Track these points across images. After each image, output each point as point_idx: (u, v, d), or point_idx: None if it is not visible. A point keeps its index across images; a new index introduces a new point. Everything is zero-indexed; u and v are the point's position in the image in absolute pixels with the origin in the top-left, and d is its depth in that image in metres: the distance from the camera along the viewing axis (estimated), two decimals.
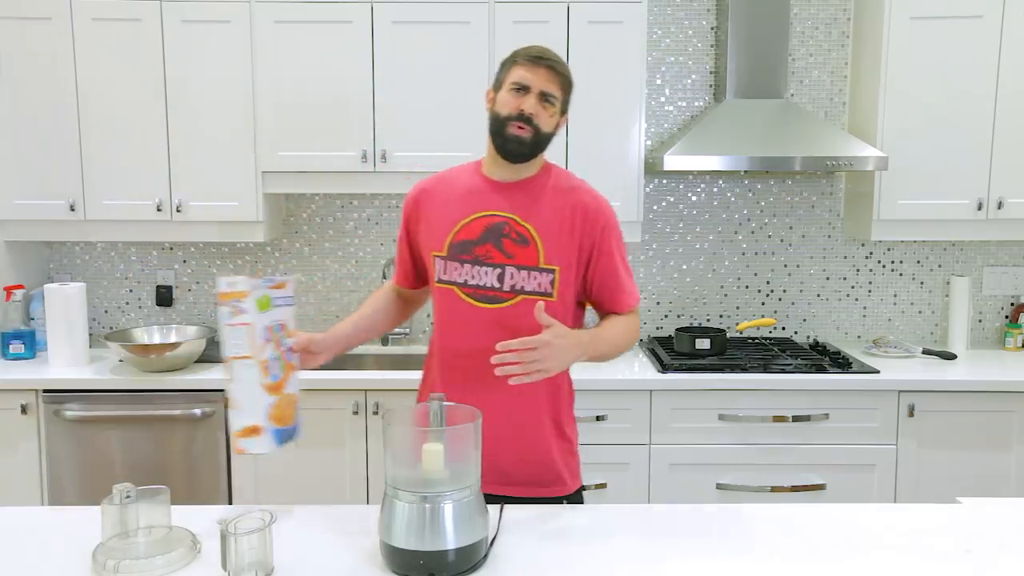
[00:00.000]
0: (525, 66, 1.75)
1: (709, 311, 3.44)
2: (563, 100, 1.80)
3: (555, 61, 1.77)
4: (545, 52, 1.77)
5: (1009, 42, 2.98)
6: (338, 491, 2.85)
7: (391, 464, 1.41)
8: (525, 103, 1.74)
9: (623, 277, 1.84)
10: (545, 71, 1.74)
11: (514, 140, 1.75)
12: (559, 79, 1.76)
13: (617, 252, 1.83)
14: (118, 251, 3.42)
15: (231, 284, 1.60)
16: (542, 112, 1.75)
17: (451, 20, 2.95)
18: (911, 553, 1.48)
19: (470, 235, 1.79)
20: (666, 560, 1.45)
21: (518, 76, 1.75)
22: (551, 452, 1.84)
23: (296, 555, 1.45)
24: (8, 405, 2.82)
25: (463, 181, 1.85)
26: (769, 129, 3.06)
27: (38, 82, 2.99)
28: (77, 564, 1.42)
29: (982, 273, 3.41)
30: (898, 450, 2.86)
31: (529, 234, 1.77)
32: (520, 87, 1.75)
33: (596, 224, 1.80)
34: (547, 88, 1.75)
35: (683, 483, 2.85)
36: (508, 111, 1.75)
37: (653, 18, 3.29)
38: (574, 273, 1.80)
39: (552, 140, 1.81)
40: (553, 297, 1.77)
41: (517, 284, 1.76)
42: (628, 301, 1.85)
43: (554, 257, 1.77)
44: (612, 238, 1.82)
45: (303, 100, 2.99)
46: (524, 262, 1.76)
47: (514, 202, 1.79)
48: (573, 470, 1.90)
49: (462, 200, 1.82)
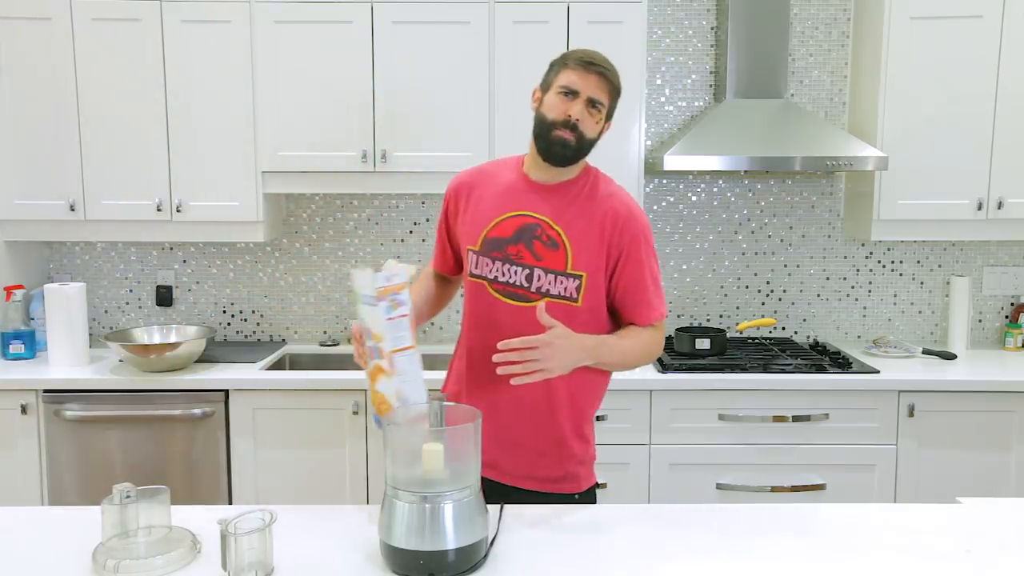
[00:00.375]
0: (576, 70, 1.73)
1: (709, 311, 3.44)
2: (609, 107, 1.78)
3: (607, 68, 1.75)
4: (596, 57, 1.75)
5: (1009, 42, 2.98)
6: (338, 491, 2.85)
7: (391, 464, 1.41)
8: (573, 108, 1.72)
9: (648, 288, 1.81)
10: (596, 77, 1.73)
11: (559, 144, 1.74)
12: (608, 86, 1.74)
13: (646, 263, 1.80)
14: (118, 251, 3.42)
15: (389, 278, 1.58)
16: (588, 119, 1.74)
17: (451, 20, 2.95)
18: (911, 553, 1.48)
19: (503, 233, 1.79)
20: (666, 560, 1.45)
21: (568, 80, 1.73)
22: (571, 449, 1.84)
23: (296, 555, 1.45)
24: (8, 405, 2.82)
25: (504, 177, 1.85)
26: (769, 129, 3.06)
27: (38, 82, 2.99)
28: (77, 564, 1.42)
29: (982, 273, 3.41)
30: (898, 450, 2.86)
31: (560, 238, 1.76)
32: (569, 91, 1.73)
33: (626, 232, 1.78)
34: (595, 95, 1.73)
35: (683, 483, 2.85)
36: (555, 115, 1.74)
37: (653, 18, 3.29)
38: (602, 280, 1.79)
39: (595, 146, 1.80)
40: (578, 302, 1.76)
41: (543, 287, 1.76)
42: (648, 313, 1.82)
43: (582, 263, 1.76)
44: (641, 248, 1.80)
45: (303, 100, 2.99)
46: (552, 265, 1.76)
47: (550, 205, 1.79)
48: (588, 468, 1.90)
49: (500, 197, 1.82)
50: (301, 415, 2.84)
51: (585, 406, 1.87)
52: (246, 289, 3.43)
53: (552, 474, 1.84)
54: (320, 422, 2.84)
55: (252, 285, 3.43)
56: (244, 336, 3.45)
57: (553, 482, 1.84)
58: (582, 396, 1.85)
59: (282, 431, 2.85)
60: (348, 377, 2.87)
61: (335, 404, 2.84)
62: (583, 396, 1.85)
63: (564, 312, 1.72)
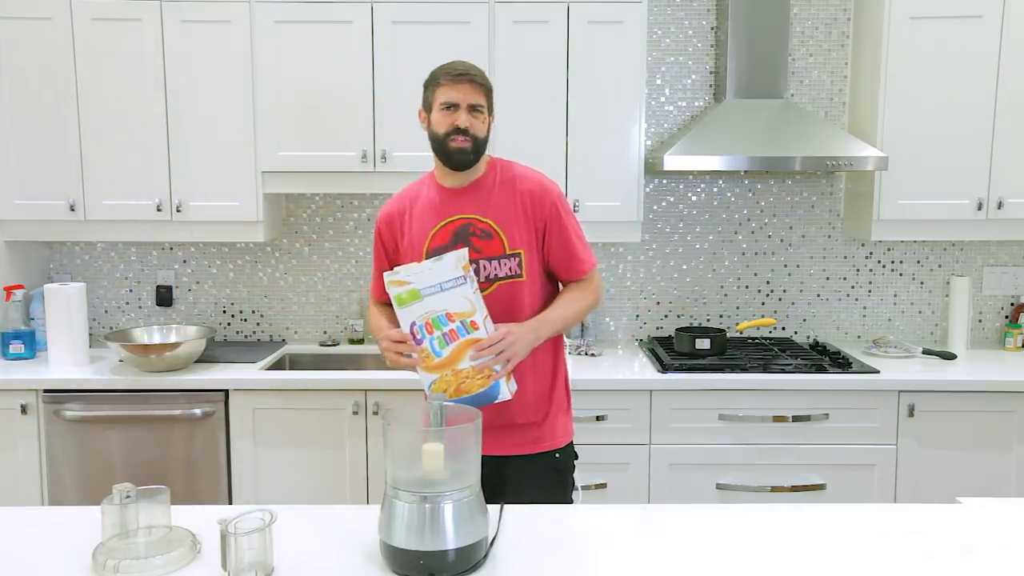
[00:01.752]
0: (448, 85, 1.93)
1: (709, 311, 3.44)
2: (488, 105, 1.97)
3: (474, 74, 1.94)
4: (460, 67, 1.95)
5: (1009, 42, 2.98)
6: (338, 491, 2.85)
7: (391, 464, 1.41)
8: (458, 119, 1.92)
9: (576, 247, 2.03)
10: (468, 85, 1.92)
11: (457, 152, 1.94)
12: (480, 88, 1.94)
13: (568, 225, 2.02)
14: (118, 251, 3.42)
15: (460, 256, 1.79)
16: (474, 122, 1.93)
17: (451, 20, 2.95)
18: (911, 553, 1.48)
19: (442, 240, 1.98)
20: (666, 560, 1.45)
21: (445, 96, 1.93)
22: (549, 416, 2.06)
23: (296, 555, 1.45)
24: (8, 405, 2.82)
25: (424, 195, 2.05)
26: (769, 129, 3.06)
27: (38, 82, 2.99)
28: (77, 564, 1.42)
29: (982, 273, 3.41)
30: (898, 450, 2.86)
31: (491, 228, 1.96)
32: (449, 105, 1.93)
33: (544, 205, 1.99)
34: (472, 100, 1.93)
35: (683, 483, 2.85)
36: (444, 129, 1.93)
37: (653, 18, 3.29)
38: (536, 253, 2.00)
39: (488, 141, 1.99)
40: (523, 277, 1.97)
41: (491, 273, 1.96)
42: (580, 267, 2.04)
43: (516, 242, 1.97)
44: (560, 214, 2.00)
45: (303, 100, 2.99)
46: (492, 253, 1.96)
47: (471, 203, 1.98)
48: (566, 427, 2.10)
49: (427, 212, 2.02)
50: (301, 415, 2.84)
51: (554, 376, 2.08)
52: (246, 289, 3.43)
53: (530, 437, 2.03)
54: (320, 422, 2.84)
55: (252, 285, 3.43)
56: (244, 336, 3.45)
57: (532, 443, 2.03)
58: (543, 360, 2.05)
59: (282, 431, 2.85)
60: (348, 377, 2.87)
61: (335, 404, 2.84)
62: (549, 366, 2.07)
63: (513, 288, 1.96)
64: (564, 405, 2.12)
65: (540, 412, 2.05)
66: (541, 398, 2.05)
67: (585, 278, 2.06)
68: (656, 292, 3.43)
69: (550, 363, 2.07)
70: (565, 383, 2.13)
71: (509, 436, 2.01)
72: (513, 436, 2.02)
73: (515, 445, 2.02)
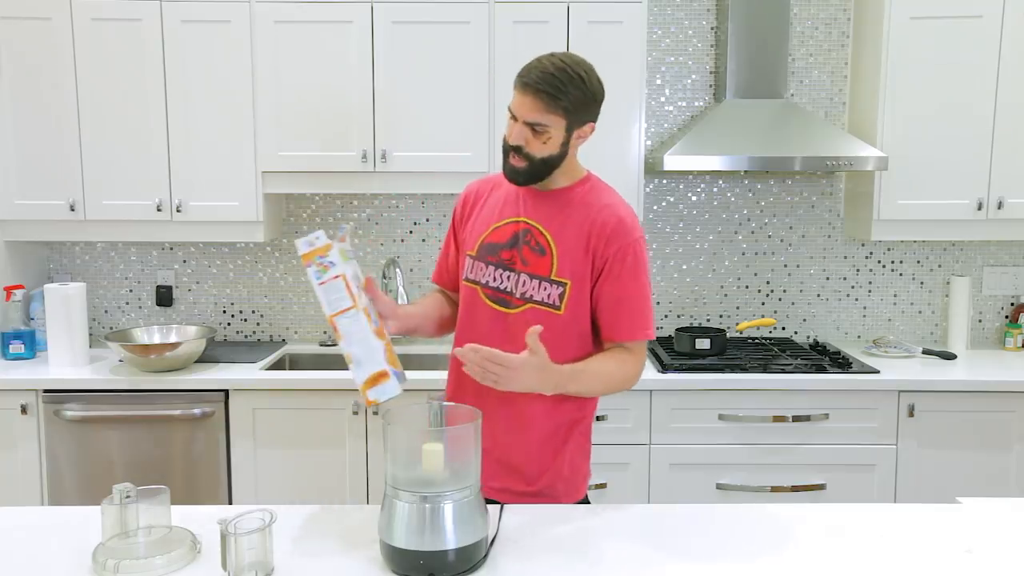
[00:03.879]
0: (516, 91, 1.70)
1: (709, 311, 3.44)
2: (565, 121, 1.69)
3: (544, 85, 1.65)
4: (538, 77, 1.66)
5: (1009, 42, 2.98)
6: (338, 491, 2.85)
7: (391, 464, 1.41)
8: (513, 136, 1.70)
9: (628, 305, 1.73)
10: (531, 99, 1.66)
11: (510, 169, 1.73)
12: (548, 105, 1.65)
13: (632, 276, 1.72)
14: (118, 251, 3.42)
15: (311, 242, 1.58)
16: (532, 140, 1.69)
17: (451, 20, 2.95)
18: (911, 553, 1.48)
19: (500, 238, 1.78)
20: (666, 560, 1.45)
21: (513, 102, 1.71)
22: (560, 462, 1.79)
23: (296, 555, 1.45)
24: (8, 405, 2.82)
25: (505, 185, 1.83)
26: (769, 129, 3.06)
27: (38, 82, 2.99)
28: (77, 564, 1.42)
29: (982, 273, 3.41)
30: (898, 450, 2.86)
31: (547, 244, 1.73)
32: (513, 114, 1.71)
33: (612, 243, 1.71)
34: (531, 118, 1.67)
35: (683, 483, 2.85)
36: (505, 140, 1.73)
37: (653, 18, 3.29)
38: (586, 290, 1.74)
39: (564, 157, 1.73)
40: (560, 310, 1.72)
41: (527, 292, 1.74)
42: (627, 329, 1.73)
43: (567, 271, 1.72)
44: (627, 261, 1.72)
45: (303, 100, 2.99)
46: (537, 271, 1.73)
47: (544, 211, 1.76)
48: (577, 483, 1.83)
49: (499, 204, 1.82)
50: (301, 415, 2.84)
51: (575, 414, 1.81)
52: (246, 289, 3.43)
53: (536, 486, 1.78)
54: (320, 422, 2.84)
55: (252, 285, 3.43)
56: (244, 336, 3.45)
57: (535, 496, 1.78)
58: (572, 404, 1.79)
59: (282, 431, 2.85)
60: (348, 377, 2.85)
61: (335, 404, 2.84)
62: (573, 404, 1.80)
63: (545, 319, 1.68)
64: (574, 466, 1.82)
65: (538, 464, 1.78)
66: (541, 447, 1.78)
67: (627, 346, 1.75)
68: (656, 292, 3.42)
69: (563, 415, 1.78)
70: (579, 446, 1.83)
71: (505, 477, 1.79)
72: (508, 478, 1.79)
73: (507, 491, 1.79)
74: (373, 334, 1.61)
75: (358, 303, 1.59)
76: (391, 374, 1.61)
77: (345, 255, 1.62)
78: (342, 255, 1.60)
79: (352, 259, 1.67)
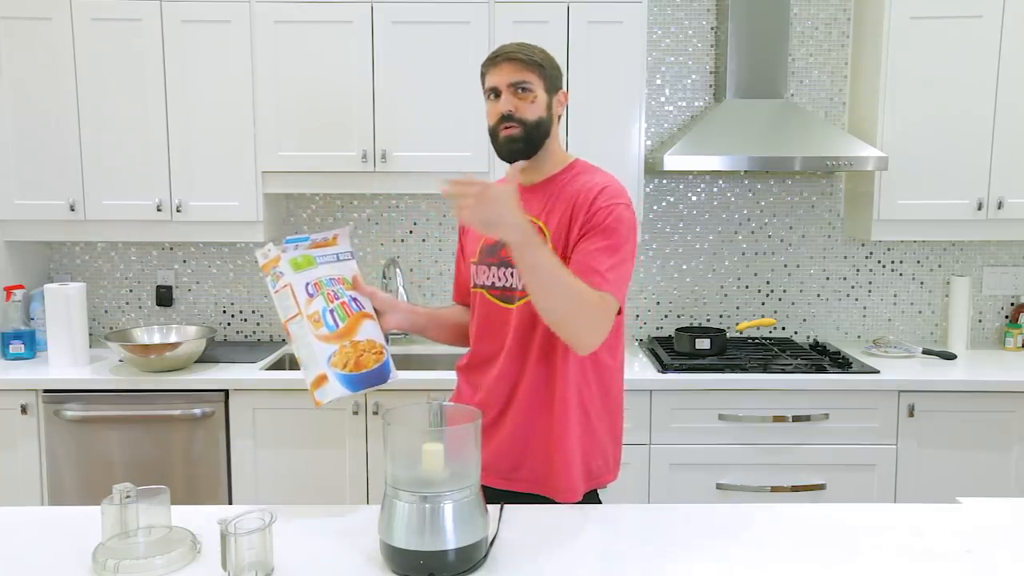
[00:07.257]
0: (488, 70, 1.75)
1: (709, 311, 3.44)
2: (543, 81, 1.73)
3: (512, 51, 1.72)
4: (503, 48, 1.74)
5: (1009, 42, 2.98)
6: (338, 491, 2.85)
7: (391, 464, 1.41)
8: (501, 105, 1.72)
9: (598, 258, 1.66)
10: (505, 64, 1.71)
11: (505, 141, 1.73)
12: (522, 65, 1.71)
13: (602, 236, 1.68)
14: (118, 251, 3.42)
15: (265, 254, 1.68)
16: (520, 103, 1.72)
17: (451, 20, 2.95)
18: (911, 553, 1.48)
19: None
20: (666, 560, 1.45)
21: (488, 83, 1.75)
22: (571, 460, 1.78)
23: (296, 555, 1.45)
24: (8, 405, 2.82)
25: None
26: (769, 129, 3.06)
27: (38, 82, 2.99)
28: (77, 564, 1.42)
29: (982, 273, 3.41)
30: (898, 450, 2.86)
31: (543, 235, 1.74)
32: (492, 91, 1.74)
33: (593, 206, 1.70)
34: (514, 79, 1.71)
35: (683, 483, 2.85)
36: (493, 120, 1.75)
37: (653, 18, 3.29)
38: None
39: (553, 124, 1.77)
40: None
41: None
42: (595, 280, 1.64)
43: (559, 247, 1.72)
44: (605, 220, 1.69)
45: (303, 100, 2.99)
46: None
47: (537, 203, 1.78)
48: (590, 476, 1.83)
49: None
50: (301, 415, 2.84)
51: (592, 410, 1.80)
52: (246, 289, 3.43)
53: (546, 481, 1.79)
54: (320, 422, 2.84)
55: (252, 285, 3.43)
56: (244, 336, 3.45)
57: (546, 487, 1.79)
58: (588, 403, 1.79)
59: (282, 431, 2.85)
60: None
61: (335, 404, 2.83)
62: (590, 403, 1.79)
63: None
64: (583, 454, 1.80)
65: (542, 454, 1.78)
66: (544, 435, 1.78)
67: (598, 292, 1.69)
68: (656, 292, 3.43)
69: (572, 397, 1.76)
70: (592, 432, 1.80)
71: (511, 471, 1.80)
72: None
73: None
74: (317, 339, 1.67)
75: (304, 311, 1.67)
76: (332, 378, 1.67)
77: (309, 262, 1.71)
78: (295, 264, 1.69)
79: (332, 263, 1.75)
